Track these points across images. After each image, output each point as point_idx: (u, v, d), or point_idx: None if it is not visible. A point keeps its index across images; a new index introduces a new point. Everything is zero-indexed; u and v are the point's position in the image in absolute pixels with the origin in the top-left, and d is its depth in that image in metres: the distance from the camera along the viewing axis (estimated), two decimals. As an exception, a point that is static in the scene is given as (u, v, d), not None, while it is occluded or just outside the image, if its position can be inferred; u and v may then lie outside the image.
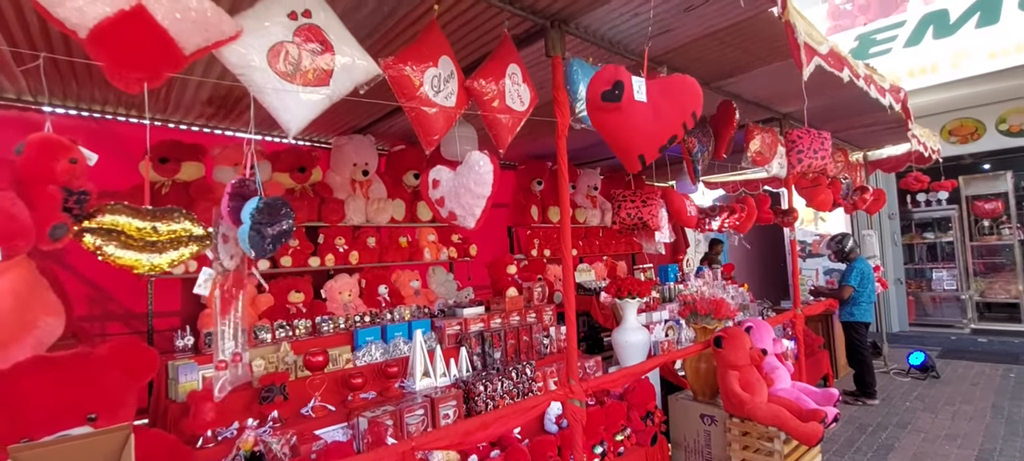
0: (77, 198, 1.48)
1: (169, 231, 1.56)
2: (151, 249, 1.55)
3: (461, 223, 2.49)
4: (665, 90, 2.13)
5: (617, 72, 2.04)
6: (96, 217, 1.51)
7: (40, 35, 2.59)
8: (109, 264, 1.53)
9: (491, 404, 3.42)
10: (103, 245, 1.49)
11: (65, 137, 1.51)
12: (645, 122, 2.04)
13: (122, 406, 2.33)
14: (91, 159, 1.55)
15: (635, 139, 2.10)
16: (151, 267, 1.54)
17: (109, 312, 3.51)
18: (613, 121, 2.06)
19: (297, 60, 1.88)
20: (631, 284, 3.93)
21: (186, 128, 3.90)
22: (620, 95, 2.07)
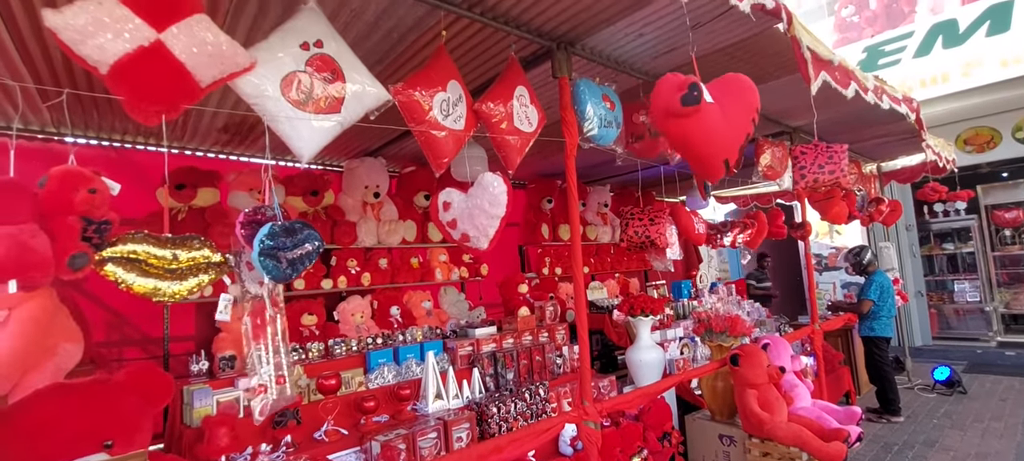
0: (97, 228, 1.51)
1: (189, 258, 1.59)
2: (171, 277, 1.57)
3: (474, 244, 2.50)
4: (726, 90, 2.09)
5: (682, 78, 2.00)
6: (117, 246, 1.54)
7: (63, 70, 2.68)
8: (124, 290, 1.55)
9: (504, 426, 3.39)
10: (123, 274, 1.52)
11: (87, 168, 1.55)
12: (722, 123, 1.99)
13: (138, 432, 2.34)
14: (114, 189, 1.59)
15: (717, 143, 2.02)
16: (171, 295, 1.57)
17: (126, 337, 3.56)
18: (694, 127, 1.97)
19: (309, 89, 1.92)
20: (644, 301, 3.90)
21: (202, 155, 3.99)
22: (699, 96, 1.98)
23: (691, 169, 2.38)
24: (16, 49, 2.44)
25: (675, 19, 2.84)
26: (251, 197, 3.70)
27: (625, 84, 3.41)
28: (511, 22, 2.64)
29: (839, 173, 3.46)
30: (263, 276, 1.73)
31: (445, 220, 2.48)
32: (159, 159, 3.77)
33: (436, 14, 2.45)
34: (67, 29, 1.50)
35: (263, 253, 1.69)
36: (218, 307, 1.82)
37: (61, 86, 2.78)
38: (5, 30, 2.29)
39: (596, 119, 2.85)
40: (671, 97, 1.96)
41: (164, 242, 1.60)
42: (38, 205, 1.46)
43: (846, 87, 3.39)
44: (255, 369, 1.92)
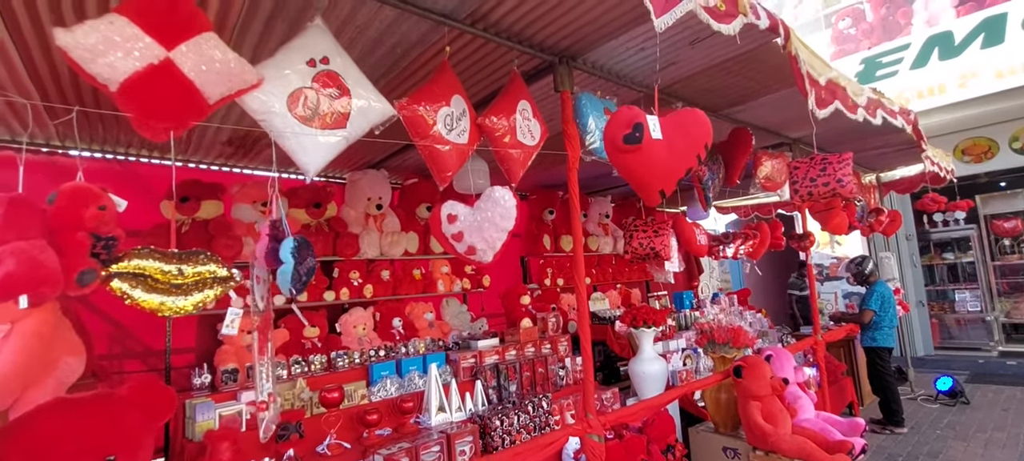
0: (105, 243, 1.52)
1: (194, 273, 1.60)
2: (176, 292, 1.58)
3: (479, 258, 2.51)
4: (677, 125, 2.16)
5: (634, 114, 2.08)
6: (123, 262, 1.55)
7: (70, 86, 2.71)
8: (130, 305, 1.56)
9: (508, 439, 3.37)
10: (130, 290, 1.52)
11: (96, 185, 1.57)
12: (663, 158, 2.08)
13: (140, 448, 2.33)
14: (121, 205, 1.60)
15: (655, 175, 2.13)
16: (176, 310, 1.58)
17: (128, 350, 3.55)
18: (634, 161, 2.09)
19: (315, 105, 1.94)
20: (646, 313, 3.90)
21: (206, 168, 4.01)
22: (640, 137, 2.09)
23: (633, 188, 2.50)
24: (24, 66, 2.46)
25: (676, 34, 2.88)
26: (254, 209, 3.71)
27: (626, 97, 3.44)
28: (513, 38, 2.67)
29: (834, 183, 3.47)
30: (284, 288, 1.74)
31: (449, 232, 2.49)
32: (163, 172, 3.79)
33: (439, 30, 2.48)
34: (78, 48, 1.52)
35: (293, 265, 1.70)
36: (225, 321, 1.82)
37: (68, 102, 2.80)
38: (14, 48, 2.32)
39: (598, 132, 2.88)
40: (616, 133, 2.11)
41: (170, 257, 1.61)
42: (47, 221, 1.47)
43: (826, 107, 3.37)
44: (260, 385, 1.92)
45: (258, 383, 1.89)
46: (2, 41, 2.25)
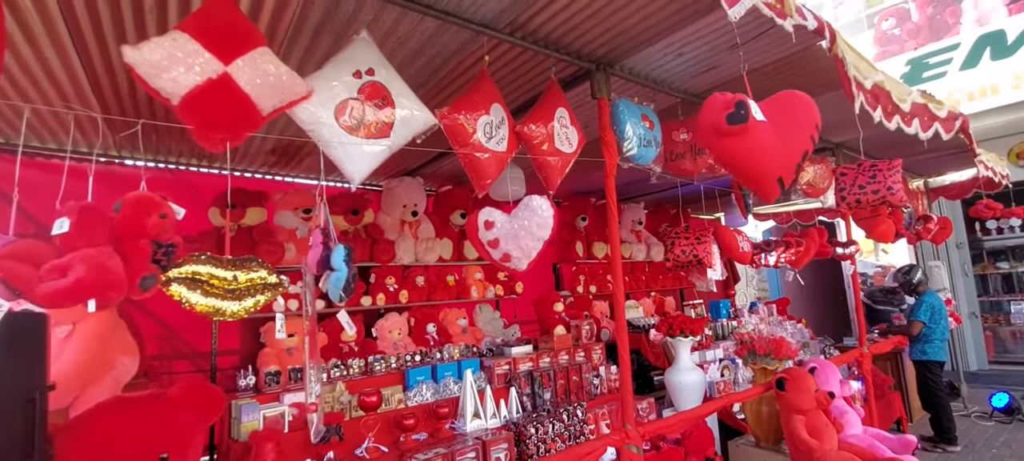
0: (165, 250, 1.59)
1: (247, 279, 1.66)
2: (230, 297, 1.64)
3: (514, 265, 2.52)
4: (780, 107, 2.06)
5: (730, 97, 1.99)
6: (181, 267, 1.62)
7: (128, 98, 2.85)
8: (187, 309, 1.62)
9: (543, 448, 3.36)
10: (188, 294, 1.59)
11: (156, 194, 1.64)
12: (774, 141, 1.95)
13: (191, 446, 2.42)
14: (179, 213, 1.68)
15: (769, 161, 1.98)
16: (230, 314, 1.63)
17: (177, 350, 3.69)
18: (742, 146, 1.94)
19: (361, 115, 1.99)
20: (683, 321, 3.83)
21: (250, 176, 4.15)
22: (746, 115, 1.94)
23: (743, 186, 2.36)
24: (88, 82, 2.61)
25: (715, 38, 2.84)
26: (296, 216, 3.82)
27: (663, 103, 3.40)
28: (551, 45, 2.68)
29: (884, 191, 3.33)
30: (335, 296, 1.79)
31: (486, 239, 2.51)
32: (210, 180, 3.94)
33: (478, 40, 2.51)
34: (144, 64, 1.60)
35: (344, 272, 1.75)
36: (276, 326, 1.88)
37: (126, 114, 2.95)
38: (80, 65, 2.46)
39: (635, 139, 2.85)
40: (717, 116, 1.94)
41: (225, 264, 1.67)
42: (113, 228, 1.54)
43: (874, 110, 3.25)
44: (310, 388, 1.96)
45: (307, 386, 1.94)
46: (70, 59, 2.39)
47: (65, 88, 2.64)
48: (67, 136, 3.27)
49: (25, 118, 2.75)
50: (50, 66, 2.45)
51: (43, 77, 2.53)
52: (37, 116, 2.89)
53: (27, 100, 2.68)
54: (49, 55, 2.37)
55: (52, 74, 2.51)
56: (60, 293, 1.36)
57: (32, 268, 1.38)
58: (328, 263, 1.98)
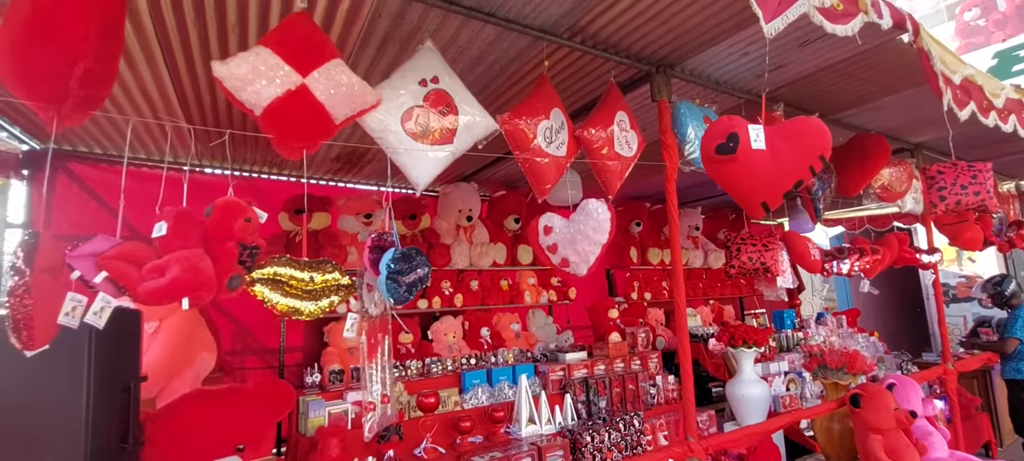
0: (250, 252, 1.70)
1: (322, 280, 1.73)
2: (308, 297, 1.72)
3: (573, 271, 2.50)
4: (787, 135, 2.03)
5: (732, 123, 1.99)
6: (264, 269, 1.72)
7: (210, 110, 3.06)
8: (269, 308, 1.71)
9: (598, 457, 3.30)
10: (269, 294, 1.68)
11: (242, 200, 1.75)
12: (765, 170, 1.96)
13: (264, 438, 2.57)
14: (262, 217, 1.78)
15: (755, 187, 2.02)
16: (308, 314, 1.71)
17: (248, 347, 3.91)
18: (731, 172, 2.00)
19: (426, 122, 2.04)
20: (746, 332, 3.67)
21: (315, 182, 4.35)
22: (735, 147, 2.01)
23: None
24: (176, 97, 2.82)
25: (784, 35, 2.70)
26: (358, 221, 3.96)
27: (726, 105, 3.29)
28: (610, 48, 2.66)
29: (985, 195, 3.05)
30: (386, 298, 1.84)
31: (545, 244, 2.50)
32: (278, 186, 4.16)
33: (537, 45, 2.52)
34: (231, 77, 1.71)
35: (388, 277, 1.80)
36: (346, 325, 1.96)
37: (207, 126, 3.17)
38: (169, 82, 2.66)
39: (697, 142, 2.77)
40: (710, 143, 2.03)
41: (302, 265, 1.76)
42: (204, 231, 1.66)
43: (964, 108, 2.99)
44: (367, 387, 2.03)
45: (367, 385, 2.00)
46: (162, 76, 2.60)
47: (156, 103, 2.87)
48: (157, 149, 3.56)
49: (129, 131, 2.99)
50: (144, 83, 2.67)
51: (138, 93, 2.75)
52: (132, 130, 3.15)
53: (125, 115, 2.93)
54: (144, 73, 2.58)
55: (146, 91, 2.74)
56: (158, 291, 1.47)
57: (135, 268, 1.51)
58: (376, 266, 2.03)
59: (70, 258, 1.47)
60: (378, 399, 2.07)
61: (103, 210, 3.52)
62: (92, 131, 3.21)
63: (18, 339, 1.42)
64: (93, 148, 3.52)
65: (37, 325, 1.42)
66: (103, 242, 1.51)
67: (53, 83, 1.38)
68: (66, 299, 1.46)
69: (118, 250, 1.50)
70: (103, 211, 3.52)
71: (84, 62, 1.35)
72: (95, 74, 1.40)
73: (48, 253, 1.43)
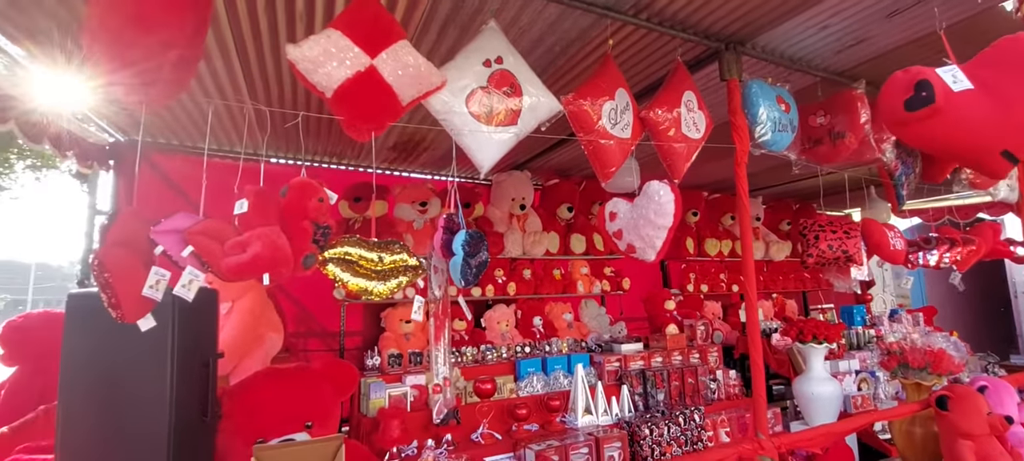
0: (322, 232, 1.73)
1: (391, 261, 1.75)
2: (377, 277, 1.74)
3: (640, 256, 2.42)
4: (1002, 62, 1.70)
5: (910, 74, 1.72)
6: (335, 248, 1.75)
7: (277, 100, 3.16)
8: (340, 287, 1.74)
9: (657, 450, 3.21)
10: (340, 273, 1.71)
11: (315, 181, 1.79)
12: (987, 110, 1.63)
13: (330, 417, 2.64)
14: (332, 198, 1.81)
15: (985, 134, 1.66)
16: (377, 294, 1.73)
17: (311, 330, 4.05)
18: (937, 128, 1.68)
19: (490, 103, 2.02)
20: (816, 327, 3.46)
21: (372, 171, 4.43)
22: (930, 96, 1.69)
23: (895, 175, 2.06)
24: (246, 86, 2.93)
25: (870, 6, 2.51)
26: (413, 209, 4.01)
27: (799, 83, 3.09)
28: (677, 26, 2.54)
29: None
30: (457, 280, 1.84)
31: (611, 230, 2.43)
32: (338, 175, 4.28)
33: (601, 24, 2.44)
34: (304, 60, 1.74)
35: (463, 257, 1.80)
36: (413, 307, 1.97)
37: (274, 113, 3.27)
38: (240, 71, 2.76)
39: (769, 123, 2.61)
40: (895, 102, 1.65)
41: (371, 246, 1.78)
42: (281, 210, 1.70)
43: None
44: (434, 369, 2.03)
45: (434, 367, 2.01)
46: (234, 66, 2.70)
47: (228, 93, 2.99)
48: (229, 140, 3.72)
49: (210, 113, 3.11)
50: (218, 75, 2.78)
51: (212, 85, 2.88)
52: (208, 122, 3.30)
53: (200, 107, 3.07)
54: (218, 65, 2.69)
55: (219, 83, 2.85)
56: (241, 267, 1.52)
57: (218, 244, 1.56)
58: (449, 247, 2.03)
59: (154, 234, 1.54)
60: (443, 382, 2.08)
61: (181, 199, 3.72)
62: (171, 123, 3.39)
63: (112, 310, 1.50)
64: (171, 140, 3.72)
65: (121, 297, 1.49)
66: (185, 219, 1.58)
67: (147, 67, 1.44)
68: (150, 272, 1.53)
69: (202, 226, 1.56)
70: (181, 200, 3.72)
71: (178, 48, 1.40)
72: (186, 59, 1.45)
73: (122, 228, 1.51)
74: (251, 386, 2.46)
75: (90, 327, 1.89)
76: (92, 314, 1.86)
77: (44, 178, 8.94)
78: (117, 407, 1.96)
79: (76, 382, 1.91)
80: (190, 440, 2.04)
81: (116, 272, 1.39)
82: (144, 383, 1.99)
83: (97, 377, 1.95)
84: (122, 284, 1.41)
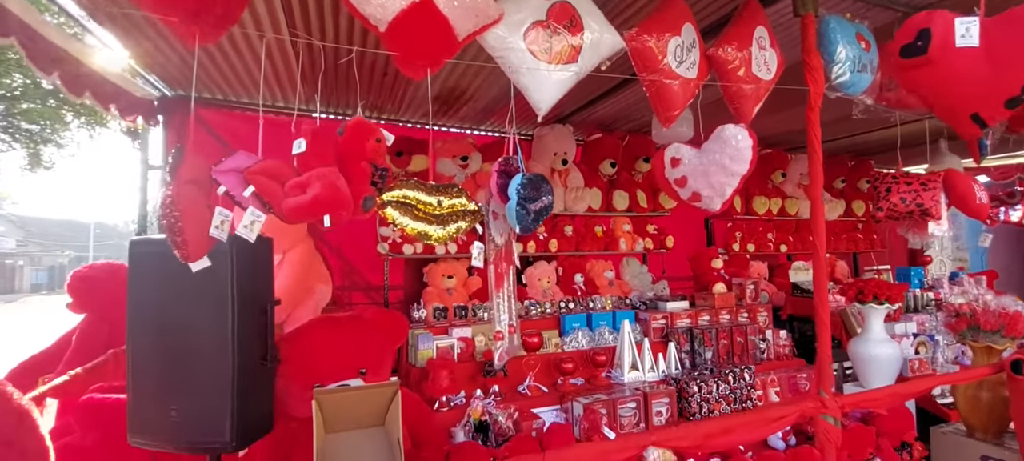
0: (380, 174, 1.68)
1: (450, 205, 1.69)
2: (436, 222, 1.69)
3: (705, 205, 2.30)
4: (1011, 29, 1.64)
5: (929, 18, 1.64)
6: (394, 191, 1.69)
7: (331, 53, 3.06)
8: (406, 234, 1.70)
9: (706, 407, 3.16)
10: (399, 217, 1.66)
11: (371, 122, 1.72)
12: (974, 72, 1.60)
13: (382, 365, 2.66)
14: (389, 140, 1.75)
15: (962, 95, 1.66)
16: (436, 238, 1.68)
17: (355, 284, 4.10)
18: (925, 77, 1.67)
19: (549, 39, 1.89)
20: (878, 286, 3.28)
21: (412, 125, 4.36)
22: (925, 46, 1.68)
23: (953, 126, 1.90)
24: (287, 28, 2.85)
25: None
26: (454, 163, 3.94)
27: (879, 19, 2.82)
28: (748, -45, 2.33)
29: None
30: (513, 225, 1.77)
31: (672, 177, 2.30)
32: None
33: (664, -47, 2.25)
34: (357, -9, 1.64)
35: (518, 203, 1.72)
36: (473, 254, 1.93)
37: (316, 65, 3.19)
38: (283, 19, 2.68)
39: (848, 63, 2.39)
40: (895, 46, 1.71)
41: (430, 189, 1.72)
42: (338, 150, 1.65)
43: None
44: (496, 317, 1.99)
45: (496, 314, 1.97)
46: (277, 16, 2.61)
47: (272, 47, 2.92)
48: (273, 93, 3.69)
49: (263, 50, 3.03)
50: (260, 19, 2.71)
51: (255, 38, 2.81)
52: (249, 76, 3.26)
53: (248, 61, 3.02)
54: (260, 11, 2.61)
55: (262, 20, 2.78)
56: (301, 208, 1.48)
57: (278, 185, 1.53)
58: (505, 191, 1.95)
59: (216, 173, 1.51)
60: (506, 329, 2.04)
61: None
62: (218, 78, 3.37)
63: (177, 250, 1.49)
64: (216, 94, 3.71)
65: (189, 235, 1.47)
66: (245, 158, 1.54)
67: (196, 0, 1.38)
68: (215, 213, 1.51)
69: (261, 166, 1.53)
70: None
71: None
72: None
73: (192, 166, 1.48)
74: (306, 333, 2.49)
75: (153, 273, 1.91)
76: (154, 259, 1.88)
77: (97, 136, 9.24)
78: (182, 351, 2.00)
79: (142, 327, 1.95)
80: (252, 383, 2.08)
81: (186, 211, 1.38)
82: (207, 328, 2.01)
83: (162, 322, 1.98)
84: (190, 223, 1.40)
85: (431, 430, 2.50)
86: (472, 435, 2.61)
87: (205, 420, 1.88)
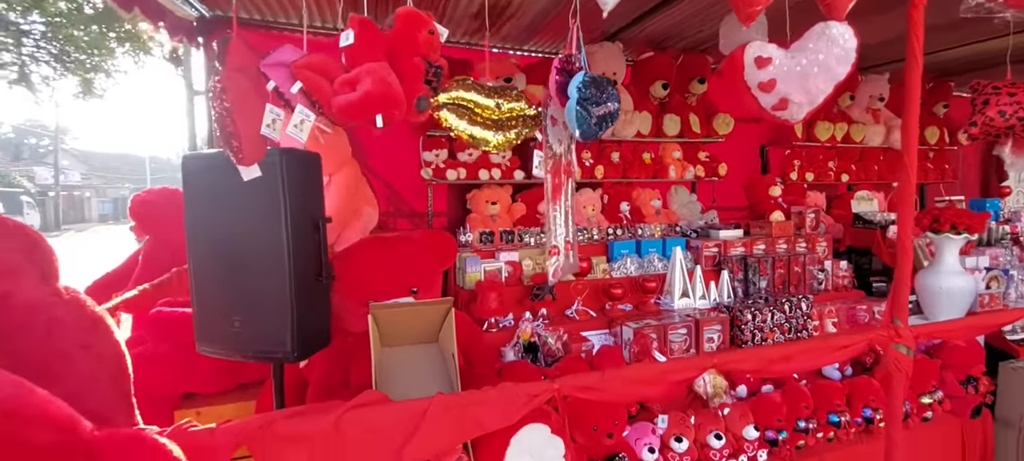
0: (435, 71, 1.56)
1: (508, 109, 1.58)
2: (494, 127, 1.58)
3: (789, 115, 2.10)
4: None
5: None
6: (450, 92, 1.58)
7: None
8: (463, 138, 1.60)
9: (759, 336, 3.07)
10: (455, 121, 1.56)
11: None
12: None
13: (432, 285, 2.67)
14: (443, 35, 1.61)
15: None
16: (494, 145, 1.58)
17: (399, 210, 4.08)
18: None
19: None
20: (957, 215, 3.03)
21: (452, 45, 4.16)
22: None
23: None
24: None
25: None
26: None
27: (997, -99, 2.42)
28: None
29: None
30: (573, 128, 1.65)
31: (756, 80, 2.07)
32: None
33: None
34: None
35: (578, 102, 1.58)
36: (533, 163, 1.82)
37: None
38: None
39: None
40: None
41: (487, 91, 1.60)
42: (388, 45, 1.53)
43: None
44: (552, 230, 1.91)
45: (551, 228, 1.89)
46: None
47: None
48: (312, 14, 3.55)
49: None
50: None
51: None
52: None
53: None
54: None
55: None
56: (351, 106, 1.39)
57: (326, 80, 1.44)
58: (564, 91, 1.79)
59: (264, 67, 1.43)
60: (562, 244, 1.97)
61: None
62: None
63: (231, 152, 1.44)
64: (253, 15, 3.60)
65: (241, 130, 1.41)
66: (292, 52, 1.45)
67: None
68: (265, 111, 1.44)
69: (308, 60, 1.43)
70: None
71: None
72: None
73: (239, 54, 1.40)
74: (358, 252, 2.50)
75: (206, 189, 1.90)
76: (208, 174, 1.86)
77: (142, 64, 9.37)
78: (240, 265, 2.02)
79: (200, 243, 1.96)
80: (309, 297, 2.09)
81: (237, 102, 1.31)
82: (262, 242, 2.02)
83: (219, 237, 2.00)
84: (242, 116, 1.33)
85: (482, 349, 2.52)
86: (521, 355, 2.62)
87: (267, 331, 1.91)
